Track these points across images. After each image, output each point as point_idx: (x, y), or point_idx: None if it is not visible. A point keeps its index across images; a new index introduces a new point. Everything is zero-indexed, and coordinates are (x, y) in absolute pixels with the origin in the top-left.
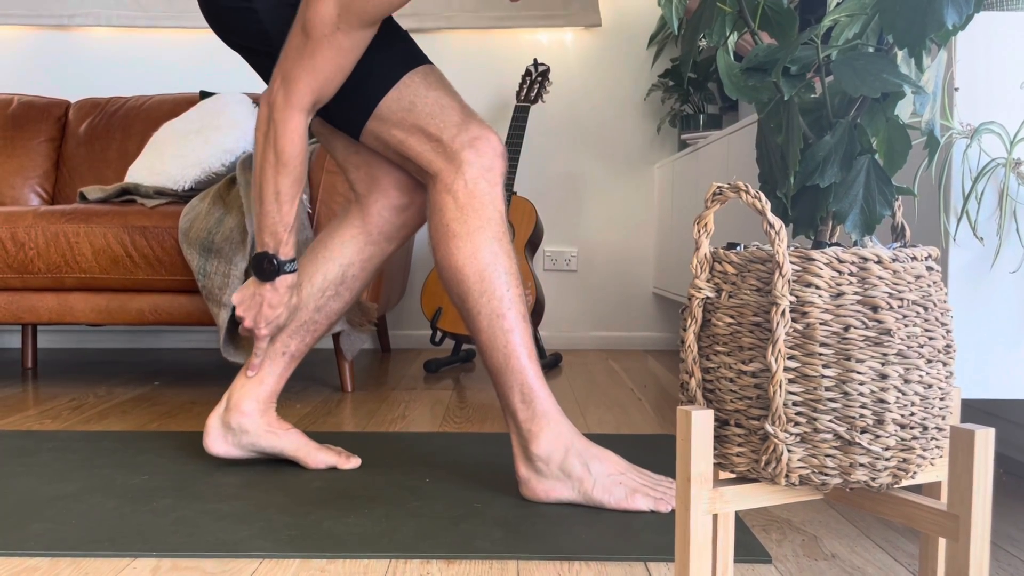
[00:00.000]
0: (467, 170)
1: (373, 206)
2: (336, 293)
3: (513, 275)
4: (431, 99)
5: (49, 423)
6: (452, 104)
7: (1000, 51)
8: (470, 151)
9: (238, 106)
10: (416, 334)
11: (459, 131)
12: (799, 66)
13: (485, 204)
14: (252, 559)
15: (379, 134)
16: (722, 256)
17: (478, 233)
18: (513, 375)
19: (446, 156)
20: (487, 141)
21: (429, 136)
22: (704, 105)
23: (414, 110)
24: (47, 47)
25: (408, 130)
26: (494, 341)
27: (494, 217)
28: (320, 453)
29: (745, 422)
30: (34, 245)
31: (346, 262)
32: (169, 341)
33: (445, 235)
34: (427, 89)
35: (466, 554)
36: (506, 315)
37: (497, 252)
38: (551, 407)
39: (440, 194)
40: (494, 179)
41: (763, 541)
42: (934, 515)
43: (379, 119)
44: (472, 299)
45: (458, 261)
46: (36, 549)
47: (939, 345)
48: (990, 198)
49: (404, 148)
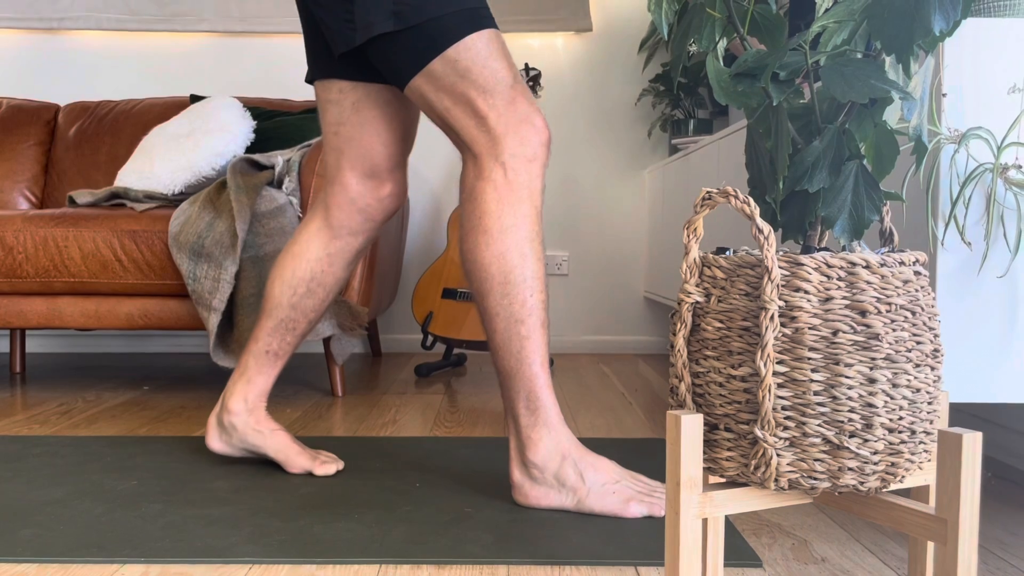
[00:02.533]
0: (508, 159)
1: (332, 199)
2: (308, 290)
3: (539, 279)
4: (488, 71)
5: (38, 428)
6: (506, 79)
7: (987, 57)
8: (514, 139)
9: (228, 110)
10: (407, 338)
11: (507, 113)
12: (788, 72)
13: (523, 199)
14: (242, 565)
15: (425, 94)
16: (711, 261)
17: (511, 232)
18: (522, 381)
19: (490, 138)
20: (533, 127)
21: (476, 111)
22: (694, 110)
23: (468, 77)
24: (36, 50)
25: (457, 99)
26: (508, 345)
27: (530, 214)
28: (299, 457)
29: (734, 426)
30: (23, 249)
31: (312, 257)
32: (159, 345)
33: (476, 227)
34: (487, 58)
35: (457, 559)
36: (525, 321)
37: (526, 254)
38: (554, 417)
39: (477, 180)
40: (536, 171)
41: (753, 545)
42: (923, 519)
43: (430, 77)
44: (493, 299)
45: (485, 258)
46: (24, 555)
47: (927, 349)
48: (977, 203)
49: (449, 116)
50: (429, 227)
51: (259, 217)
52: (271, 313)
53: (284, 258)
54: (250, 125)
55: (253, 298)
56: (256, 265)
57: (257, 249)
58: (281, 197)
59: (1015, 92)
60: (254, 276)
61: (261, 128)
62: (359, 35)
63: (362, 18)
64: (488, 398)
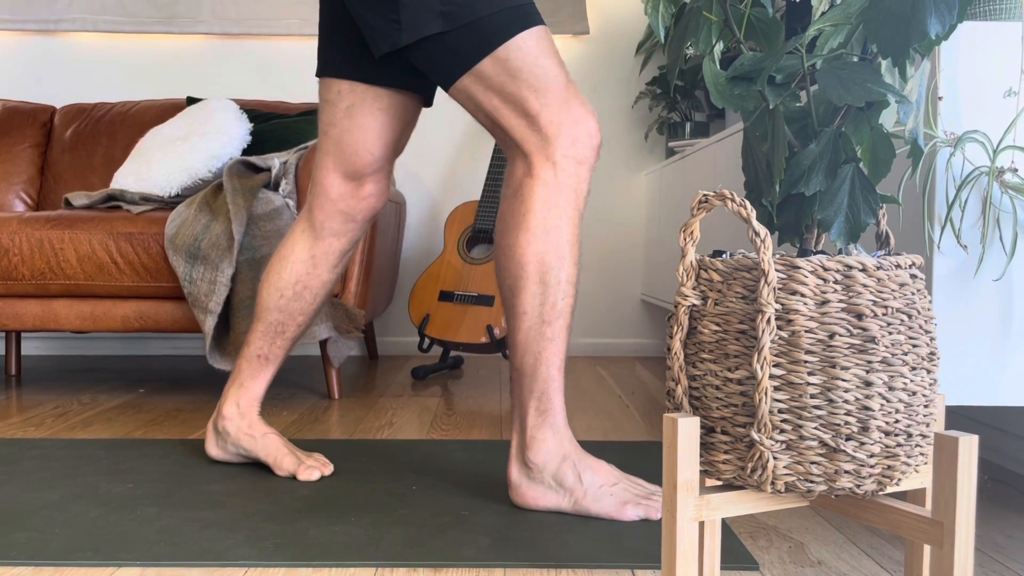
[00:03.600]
0: (560, 159)
1: (315, 200)
2: (295, 293)
3: (573, 284)
4: (539, 69)
5: (33, 431)
6: (559, 78)
7: (983, 60)
8: (566, 141)
9: (225, 112)
10: (404, 341)
11: (560, 113)
12: (784, 75)
13: (569, 201)
14: (237, 568)
15: (473, 94)
16: (708, 264)
17: (553, 233)
18: (538, 383)
19: (541, 138)
20: (586, 130)
21: (527, 111)
22: (691, 113)
23: (518, 78)
24: (33, 52)
25: (506, 99)
26: (530, 345)
27: (573, 218)
28: (286, 460)
29: (731, 429)
30: (18, 251)
31: (297, 260)
32: (155, 348)
33: (519, 224)
34: (538, 56)
35: (453, 562)
36: (552, 323)
37: (565, 257)
38: (560, 420)
39: (526, 177)
40: (584, 174)
41: (750, 548)
42: (919, 522)
43: (477, 77)
44: (524, 297)
45: (523, 256)
46: (19, 558)
47: (923, 352)
48: (973, 206)
49: (498, 116)
50: (426, 230)
51: (256, 219)
52: (261, 316)
53: (273, 261)
54: (246, 127)
55: (249, 301)
56: (252, 267)
57: (254, 251)
58: (278, 199)
59: (1011, 95)
60: (250, 279)
61: (258, 130)
62: (405, 36)
63: (409, 19)
64: (485, 401)
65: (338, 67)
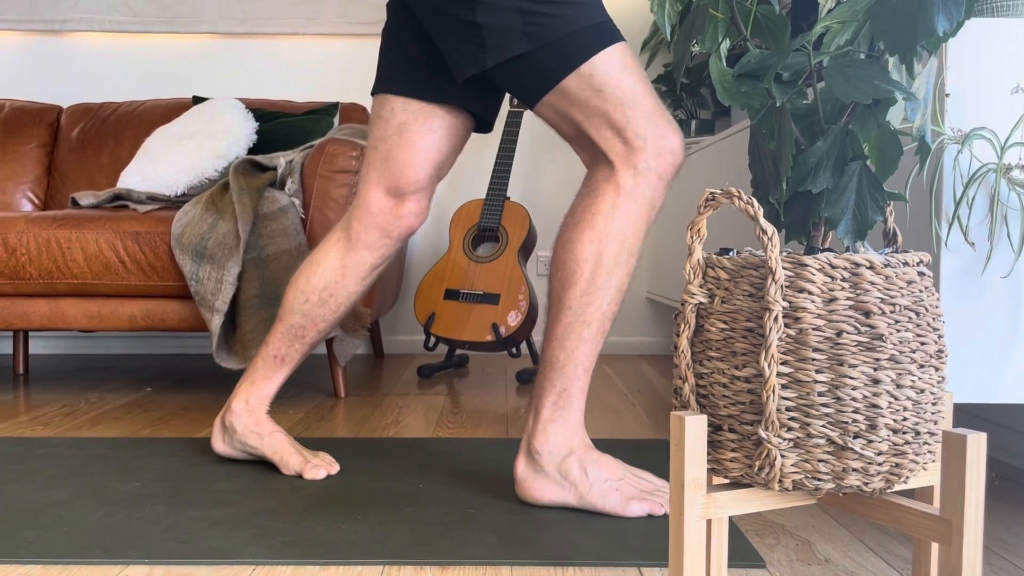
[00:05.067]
0: (643, 169)
1: (354, 212)
2: (320, 299)
3: (621, 292)
4: (625, 85)
5: (41, 429)
6: (644, 92)
7: (990, 57)
8: (651, 153)
9: (231, 111)
10: (410, 339)
11: (646, 127)
12: (791, 72)
13: (641, 212)
14: (245, 566)
15: (559, 109)
16: (715, 262)
17: (617, 238)
18: (562, 378)
19: (626, 149)
20: (669, 146)
21: (613, 124)
22: (697, 110)
23: (603, 93)
24: (39, 52)
25: (592, 113)
26: (566, 341)
27: (640, 229)
28: (292, 459)
29: (739, 427)
30: (26, 251)
31: (328, 267)
32: (162, 347)
33: (585, 221)
34: (621, 72)
35: (460, 560)
36: (592, 325)
37: (621, 264)
38: (576, 419)
39: (605, 181)
40: (661, 190)
41: (757, 546)
42: (927, 519)
43: (562, 94)
44: (572, 292)
45: (582, 253)
46: (28, 556)
47: (931, 350)
48: (981, 203)
49: (584, 128)
50: (432, 228)
51: (262, 219)
52: (283, 318)
53: (304, 265)
54: (252, 126)
55: (255, 299)
56: (259, 266)
57: (260, 250)
58: (284, 198)
59: (1018, 92)
60: (256, 277)
61: (263, 129)
62: (490, 58)
63: (494, 41)
64: (491, 399)
65: (395, 84)
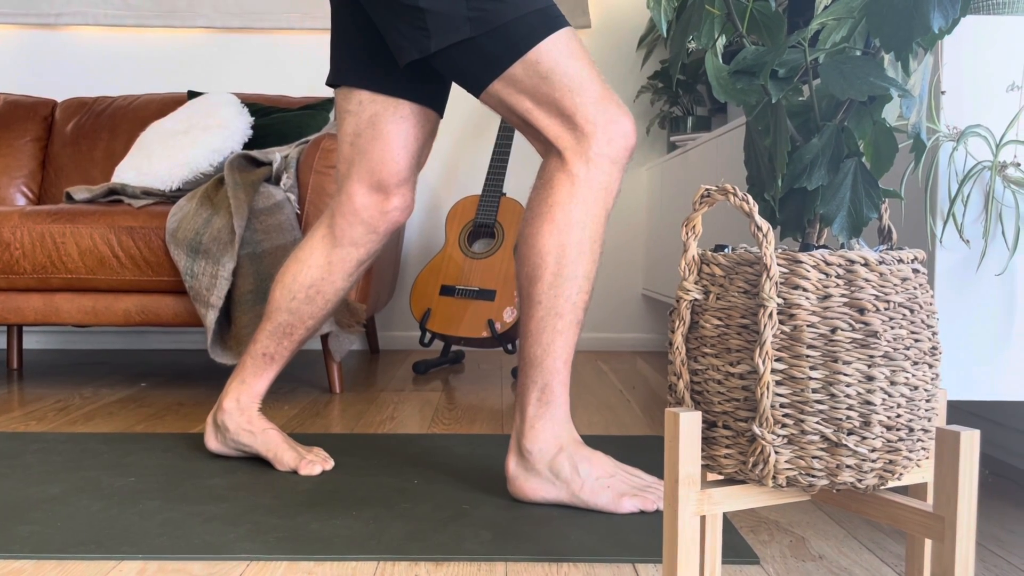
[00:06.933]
0: (594, 156)
1: (338, 208)
2: (307, 296)
3: (589, 280)
4: (572, 71)
5: (35, 424)
6: (592, 77)
7: (986, 54)
8: (602, 138)
9: (226, 106)
10: (405, 335)
11: (595, 112)
12: (787, 69)
13: (598, 199)
14: (239, 561)
15: (504, 98)
16: (710, 258)
17: (577, 227)
18: (542, 373)
19: (575, 136)
20: (620, 130)
21: (562, 111)
22: (693, 107)
23: (550, 80)
24: (34, 46)
25: (539, 101)
26: (540, 335)
27: (599, 216)
28: (285, 455)
29: (733, 424)
30: (20, 245)
31: (314, 264)
32: (156, 342)
33: (544, 215)
34: (568, 58)
35: (455, 556)
36: (564, 316)
37: (585, 252)
38: (561, 413)
39: (557, 171)
40: (616, 174)
41: (751, 542)
42: (920, 516)
43: (508, 82)
44: (540, 287)
45: (545, 246)
46: (21, 551)
47: (925, 347)
48: (976, 201)
49: (531, 117)
50: (427, 224)
51: (257, 214)
52: (270, 316)
53: (289, 262)
54: (248, 121)
55: (251, 295)
56: (254, 262)
57: (255, 246)
58: (279, 194)
59: (1013, 90)
60: (252, 273)
61: (259, 124)
62: (434, 42)
63: (437, 25)
64: (486, 395)
65: (353, 77)
